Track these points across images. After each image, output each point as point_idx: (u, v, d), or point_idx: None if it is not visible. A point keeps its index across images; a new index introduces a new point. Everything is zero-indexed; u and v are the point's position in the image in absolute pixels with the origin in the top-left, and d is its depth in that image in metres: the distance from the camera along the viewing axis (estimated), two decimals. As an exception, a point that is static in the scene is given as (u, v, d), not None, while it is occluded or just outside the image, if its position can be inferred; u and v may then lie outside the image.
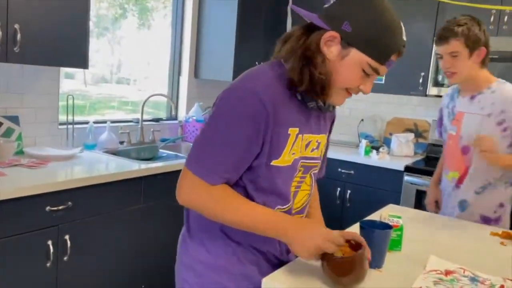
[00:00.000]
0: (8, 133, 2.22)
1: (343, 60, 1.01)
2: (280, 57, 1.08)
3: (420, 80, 3.01)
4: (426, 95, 3.06)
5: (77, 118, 2.61)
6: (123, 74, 3.16)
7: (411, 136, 3.26)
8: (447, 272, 1.18)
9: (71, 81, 2.76)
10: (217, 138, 1.01)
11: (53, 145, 2.44)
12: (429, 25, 3.00)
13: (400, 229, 1.32)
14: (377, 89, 1.64)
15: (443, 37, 1.70)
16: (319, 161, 1.21)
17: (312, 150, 1.15)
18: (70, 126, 2.53)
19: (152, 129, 2.97)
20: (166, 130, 3.17)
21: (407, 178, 2.84)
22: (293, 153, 1.08)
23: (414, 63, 3.00)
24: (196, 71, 3.30)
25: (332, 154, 2.96)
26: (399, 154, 3.17)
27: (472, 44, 1.67)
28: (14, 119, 2.26)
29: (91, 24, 2.24)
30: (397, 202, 1.87)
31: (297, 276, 1.10)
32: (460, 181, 1.82)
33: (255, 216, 1.04)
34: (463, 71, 1.72)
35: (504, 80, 1.76)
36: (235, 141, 1.00)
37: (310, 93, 1.03)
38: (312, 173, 1.19)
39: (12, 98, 2.27)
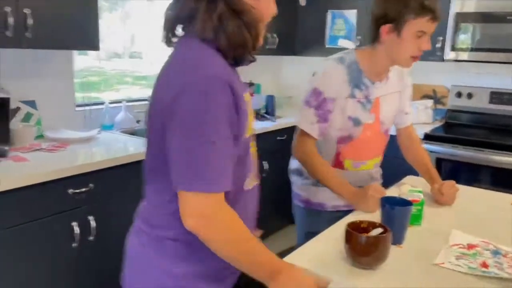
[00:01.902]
0: (27, 118, 2.25)
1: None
2: (194, 35, 0.95)
3: (438, 45, 2.92)
4: (443, 60, 2.97)
5: (92, 95, 2.61)
6: (135, 49, 3.15)
7: (429, 102, 3.20)
8: (470, 246, 1.18)
9: (84, 57, 2.77)
10: (208, 144, 0.88)
11: (71, 127, 2.46)
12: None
13: (421, 203, 1.32)
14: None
15: (439, 15, 1.44)
16: None
17: None
18: (86, 108, 2.55)
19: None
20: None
21: (426, 146, 2.79)
22: (252, 118, 1.04)
23: (431, 27, 2.91)
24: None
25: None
26: (418, 121, 3.11)
27: None
28: (31, 104, 2.28)
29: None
30: (415, 172, 1.85)
31: (317, 253, 1.12)
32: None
33: (255, 253, 0.96)
34: None
35: None
36: (225, 137, 0.91)
37: (254, 48, 0.99)
38: None
39: (27, 83, 2.29)
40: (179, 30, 1.01)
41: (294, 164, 1.75)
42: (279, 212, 3.12)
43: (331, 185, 1.54)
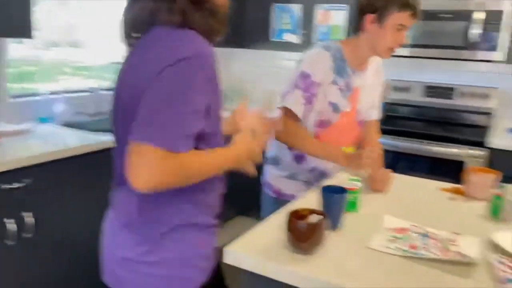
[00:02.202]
0: (-47, 109, 2.10)
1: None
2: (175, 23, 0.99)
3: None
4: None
5: (29, 87, 2.49)
6: (75, 37, 3.01)
7: (370, 96, 3.33)
8: (401, 230, 1.25)
9: (19, 46, 2.62)
10: (189, 107, 0.93)
11: (5, 119, 2.32)
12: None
13: (357, 191, 1.38)
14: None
15: (419, 13, 1.56)
16: None
17: None
18: (22, 99, 2.42)
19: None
20: (125, 99, 3.07)
21: (366, 137, 2.92)
22: None
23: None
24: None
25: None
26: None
27: None
28: (-41, 95, 2.13)
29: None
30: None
31: (258, 242, 1.14)
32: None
33: (218, 157, 1.06)
34: None
35: None
36: (199, 109, 0.96)
37: (222, 31, 1.07)
38: None
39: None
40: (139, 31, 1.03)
41: (270, 152, 1.82)
42: (228, 204, 3.13)
43: (324, 152, 1.66)
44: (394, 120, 3.26)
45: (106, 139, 2.25)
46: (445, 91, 3.19)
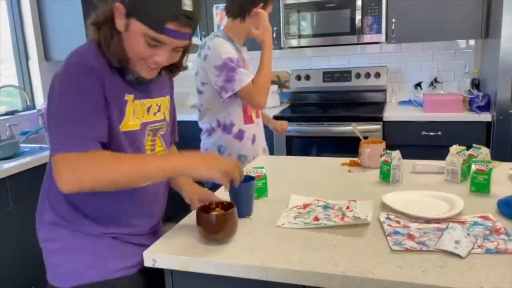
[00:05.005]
0: None
1: (127, 31, 1.05)
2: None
3: (274, 35, 3.20)
4: (281, 48, 3.27)
5: None
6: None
7: (275, 87, 3.49)
8: (305, 206, 1.36)
9: None
10: (69, 114, 1.01)
11: None
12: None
13: (264, 178, 1.47)
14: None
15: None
16: (164, 123, 1.26)
17: (155, 113, 1.21)
18: None
19: (8, 124, 2.72)
20: (25, 122, 2.92)
21: (276, 127, 3.06)
22: (137, 118, 1.15)
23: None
24: (46, 53, 3.05)
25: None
26: (267, 105, 3.37)
27: None
28: None
29: None
30: (270, 151, 2.05)
31: (175, 242, 1.18)
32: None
33: (147, 161, 1.08)
34: None
35: None
36: (87, 110, 1.03)
37: (114, 64, 1.08)
38: (159, 135, 1.24)
39: None
40: None
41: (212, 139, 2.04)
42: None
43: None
44: (300, 107, 3.46)
45: (8, 166, 2.13)
46: (343, 75, 3.45)
